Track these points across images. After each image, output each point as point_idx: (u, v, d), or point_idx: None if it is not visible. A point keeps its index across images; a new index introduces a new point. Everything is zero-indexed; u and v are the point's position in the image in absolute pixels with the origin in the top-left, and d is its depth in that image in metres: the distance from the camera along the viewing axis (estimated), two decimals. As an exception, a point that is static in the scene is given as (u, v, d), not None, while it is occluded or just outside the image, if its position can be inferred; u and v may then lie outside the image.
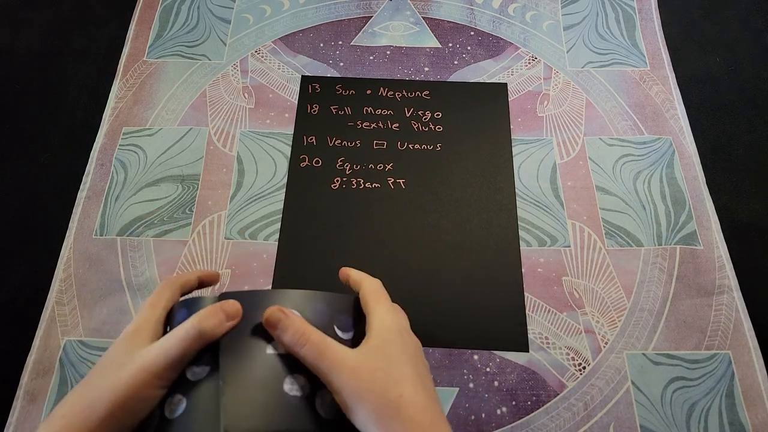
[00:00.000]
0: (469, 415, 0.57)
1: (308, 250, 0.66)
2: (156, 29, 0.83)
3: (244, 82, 0.78)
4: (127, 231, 0.67)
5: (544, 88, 0.77)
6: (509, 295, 0.63)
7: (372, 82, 0.78)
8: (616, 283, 0.64)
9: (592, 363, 0.60)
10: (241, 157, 0.72)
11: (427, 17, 0.84)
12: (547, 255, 0.65)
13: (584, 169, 0.71)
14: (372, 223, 0.68)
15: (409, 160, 0.72)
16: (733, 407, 0.57)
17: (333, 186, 0.70)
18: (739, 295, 0.63)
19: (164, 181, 0.70)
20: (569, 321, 0.62)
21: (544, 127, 0.74)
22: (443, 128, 0.74)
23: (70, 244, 0.66)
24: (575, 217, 0.68)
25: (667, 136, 0.73)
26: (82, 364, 0.59)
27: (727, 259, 0.65)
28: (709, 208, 0.68)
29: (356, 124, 0.74)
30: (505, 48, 0.81)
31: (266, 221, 0.68)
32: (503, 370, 0.59)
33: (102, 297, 0.63)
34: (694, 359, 0.59)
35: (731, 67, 0.80)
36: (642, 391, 0.58)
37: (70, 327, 0.61)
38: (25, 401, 0.57)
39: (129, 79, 0.78)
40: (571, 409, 0.57)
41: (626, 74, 0.78)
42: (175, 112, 0.75)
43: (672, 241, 0.66)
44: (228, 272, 0.65)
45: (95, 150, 0.72)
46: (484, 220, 0.67)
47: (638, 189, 0.69)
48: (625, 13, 0.84)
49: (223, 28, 0.83)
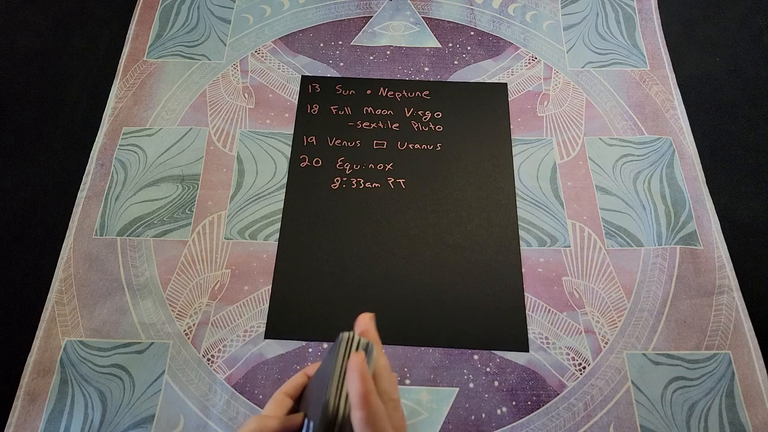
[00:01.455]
0: (469, 415, 0.57)
1: (308, 250, 0.66)
2: (156, 29, 0.83)
3: (244, 82, 0.78)
4: (127, 231, 0.67)
5: (544, 88, 0.77)
6: (509, 295, 0.63)
7: (372, 82, 0.78)
8: (616, 283, 0.64)
9: (592, 363, 0.60)
10: (241, 157, 0.72)
11: (427, 17, 0.84)
12: (547, 255, 0.65)
13: (584, 169, 0.71)
14: (372, 223, 0.68)
15: (409, 160, 0.72)
16: (733, 407, 0.57)
17: (333, 186, 0.70)
18: (739, 295, 0.63)
19: (164, 181, 0.70)
20: (569, 321, 0.62)
21: (544, 127, 0.74)
22: (443, 128, 0.74)
23: (70, 244, 0.66)
24: (575, 217, 0.68)
25: (667, 136, 0.73)
26: (83, 364, 0.59)
27: (727, 259, 0.65)
28: (709, 208, 0.68)
29: (356, 124, 0.74)
30: (505, 48, 0.81)
31: (266, 221, 0.68)
32: (503, 370, 0.59)
33: (102, 297, 0.63)
34: (694, 359, 0.59)
35: (731, 67, 0.80)
36: (642, 391, 0.58)
37: (70, 327, 0.61)
38: (25, 401, 0.57)
39: (129, 79, 0.78)
40: (571, 409, 0.57)
41: (626, 74, 0.78)
42: (175, 112, 0.75)
43: (672, 241, 0.66)
44: (228, 272, 0.65)
45: (95, 150, 0.72)
46: (484, 220, 0.68)
47: (638, 189, 0.69)
48: (625, 13, 0.84)
49: (223, 28, 0.83)
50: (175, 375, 0.59)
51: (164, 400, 0.58)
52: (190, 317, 0.62)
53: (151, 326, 0.61)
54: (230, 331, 0.62)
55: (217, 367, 0.60)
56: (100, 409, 0.57)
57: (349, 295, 0.63)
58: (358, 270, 0.65)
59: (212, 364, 0.60)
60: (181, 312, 0.62)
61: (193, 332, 0.61)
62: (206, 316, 0.62)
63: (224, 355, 0.60)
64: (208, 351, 0.60)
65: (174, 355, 0.60)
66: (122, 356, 0.60)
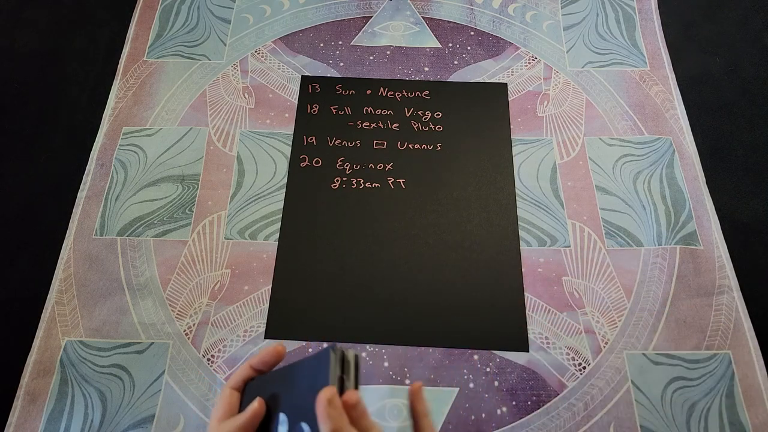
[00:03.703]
0: (469, 415, 0.57)
1: (308, 250, 0.66)
2: (156, 29, 0.83)
3: (244, 82, 0.78)
4: (127, 231, 0.67)
5: (544, 88, 0.77)
6: (509, 295, 0.63)
7: (372, 82, 0.78)
8: (616, 283, 0.64)
9: (592, 363, 0.59)
10: (241, 157, 0.72)
11: (427, 17, 0.84)
12: (547, 255, 0.65)
13: (584, 169, 0.71)
14: (372, 222, 0.68)
15: (409, 160, 0.72)
16: (733, 407, 0.57)
17: (333, 186, 0.70)
18: (739, 295, 0.63)
19: (164, 181, 0.70)
20: (569, 321, 0.62)
21: (544, 127, 0.74)
22: (443, 128, 0.74)
23: (70, 244, 0.66)
24: (575, 217, 0.68)
25: (667, 136, 0.73)
26: (83, 364, 0.59)
27: (727, 259, 0.65)
28: (709, 208, 0.68)
29: (356, 124, 0.74)
30: (505, 48, 0.81)
31: (266, 221, 0.68)
32: (503, 370, 0.59)
33: (102, 297, 0.63)
34: (694, 359, 0.59)
35: (731, 67, 0.80)
36: (642, 391, 0.58)
37: (70, 327, 0.61)
38: (25, 401, 0.57)
39: (129, 79, 0.78)
40: (571, 409, 0.57)
41: (626, 74, 0.78)
42: (175, 112, 0.75)
43: (672, 241, 0.66)
44: (228, 272, 0.65)
45: (95, 150, 0.72)
46: (484, 220, 0.67)
47: (638, 189, 0.69)
48: (625, 13, 0.84)
49: (223, 28, 0.83)
50: (175, 375, 0.59)
51: (164, 400, 0.58)
52: (190, 317, 0.62)
53: (151, 326, 0.61)
54: (230, 331, 0.62)
55: (217, 367, 0.60)
56: (100, 409, 0.57)
57: (349, 295, 0.63)
58: (358, 270, 0.65)
59: (212, 364, 0.60)
60: (181, 312, 0.62)
61: (193, 332, 0.61)
62: (206, 316, 0.62)
63: (224, 355, 0.60)
64: (208, 351, 0.60)
65: (174, 355, 0.60)
66: (122, 356, 0.60)
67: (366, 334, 0.61)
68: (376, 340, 0.61)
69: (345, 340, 0.61)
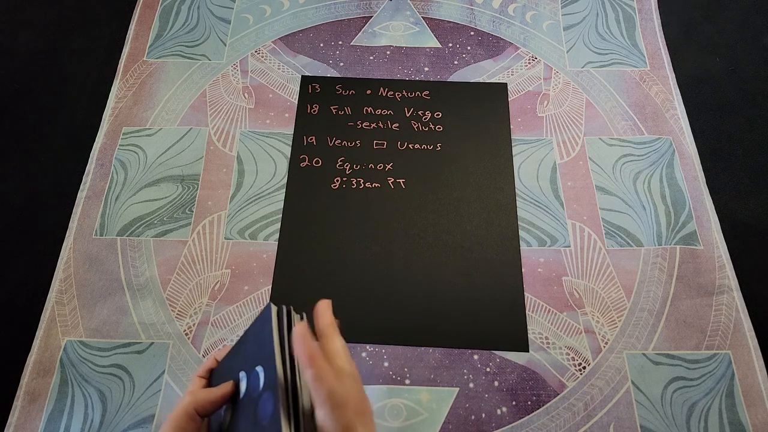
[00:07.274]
0: (469, 415, 0.57)
1: (308, 250, 0.66)
2: (156, 29, 0.83)
3: (244, 82, 0.78)
4: (127, 231, 0.67)
5: (544, 88, 0.77)
6: (509, 295, 0.63)
7: (372, 82, 0.78)
8: (616, 283, 0.64)
9: (592, 363, 0.60)
10: (241, 157, 0.72)
11: (427, 17, 0.84)
12: (547, 255, 0.65)
13: (584, 169, 0.71)
14: (372, 222, 0.68)
15: (409, 160, 0.72)
16: (733, 407, 0.57)
17: (333, 186, 0.70)
18: (739, 295, 0.63)
19: (164, 181, 0.70)
20: (569, 321, 0.62)
21: (544, 127, 0.74)
22: (443, 128, 0.74)
23: (70, 244, 0.66)
24: (575, 217, 0.68)
25: (667, 136, 0.73)
26: (83, 364, 0.59)
27: (727, 259, 0.65)
28: (709, 208, 0.68)
29: (356, 124, 0.74)
30: (505, 48, 0.81)
31: (266, 221, 0.68)
32: (503, 370, 0.59)
33: (102, 297, 0.63)
34: (694, 359, 0.59)
35: (731, 67, 0.80)
36: (642, 391, 0.58)
37: (70, 327, 0.61)
38: (25, 401, 0.57)
39: (129, 79, 0.78)
40: (571, 409, 0.57)
41: (626, 74, 0.78)
42: (175, 112, 0.75)
43: (672, 241, 0.66)
44: (228, 272, 0.65)
45: (95, 150, 0.72)
46: (484, 220, 0.67)
47: (638, 189, 0.69)
48: (625, 13, 0.84)
49: (223, 28, 0.83)
50: (175, 375, 0.59)
51: (164, 400, 0.58)
52: (190, 317, 0.62)
53: (151, 326, 0.61)
54: (230, 331, 0.62)
55: (217, 367, 0.60)
56: (100, 409, 0.57)
57: (349, 294, 0.63)
58: (358, 270, 0.65)
59: (212, 364, 0.60)
60: (181, 312, 0.62)
61: (193, 332, 0.61)
62: (206, 316, 0.62)
63: (224, 355, 0.60)
64: (208, 351, 0.60)
65: (174, 355, 0.60)
66: (122, 356, 0.60)
67: (366, 334, 0.61)
68: (376, 340, 0.61)
69: (345, 339, 0.60)
